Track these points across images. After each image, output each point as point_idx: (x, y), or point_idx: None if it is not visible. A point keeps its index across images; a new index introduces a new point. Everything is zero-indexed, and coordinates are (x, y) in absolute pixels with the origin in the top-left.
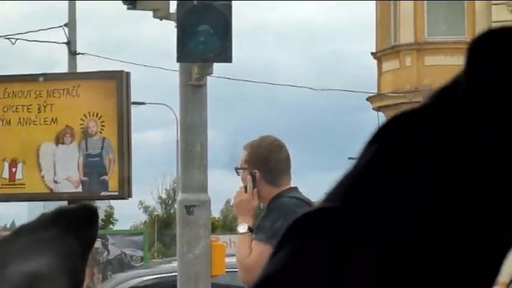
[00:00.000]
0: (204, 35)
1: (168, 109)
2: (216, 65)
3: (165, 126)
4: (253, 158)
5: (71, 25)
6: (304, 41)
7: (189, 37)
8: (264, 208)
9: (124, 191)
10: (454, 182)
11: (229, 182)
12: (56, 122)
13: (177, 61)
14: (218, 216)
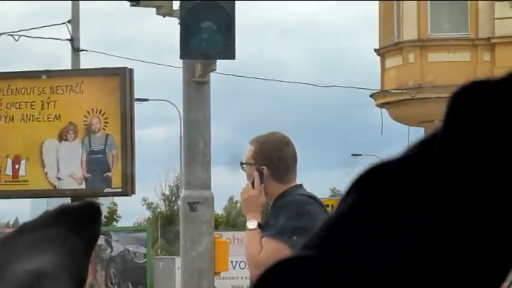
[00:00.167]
0: (207, 32)
1: (171, 106)
2: (219, 61)
3: (168, 122)
4: (261, 154)
5: (74, 22)
6: (307, 37)
7: (192, 34)
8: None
9: (127, 187)
10: (436, 239)
11: (233, 179)
12: (59, 119)
13: (181, 58)
14: (221, 212)
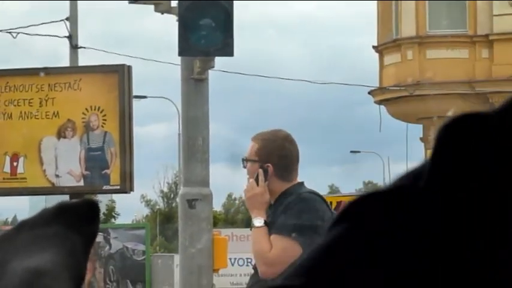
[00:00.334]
0: (205, 29)
1: (169, 103)
2: (217, 58)
3: (167, 120)
4: (265, 151)
5: (73, 19)
6: (306, 34)
7: (190, 31)
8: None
9: (126, 185)
10: (436, 239)
11: (231, 176)
12: (58, 116)
13: (179, 55)
14: (220, 210)
